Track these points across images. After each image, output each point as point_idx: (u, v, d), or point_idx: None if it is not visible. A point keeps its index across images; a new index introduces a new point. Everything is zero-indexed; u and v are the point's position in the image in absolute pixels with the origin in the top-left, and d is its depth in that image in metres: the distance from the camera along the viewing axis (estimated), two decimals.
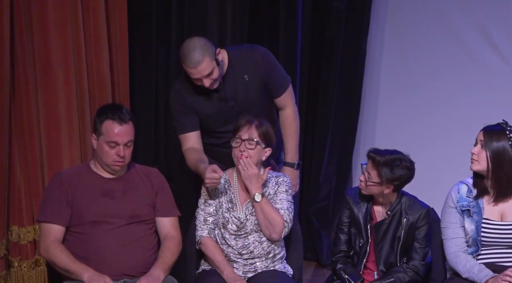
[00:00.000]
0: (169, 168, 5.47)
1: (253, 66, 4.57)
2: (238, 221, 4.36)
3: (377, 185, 4.31)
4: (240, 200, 4.40)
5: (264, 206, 4.32)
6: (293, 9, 5.78)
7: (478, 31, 5.98)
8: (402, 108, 6.20)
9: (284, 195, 4.40)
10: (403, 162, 4.30)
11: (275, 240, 4.36)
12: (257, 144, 4.33)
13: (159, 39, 5.48)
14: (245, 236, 4.36)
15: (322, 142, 6.11)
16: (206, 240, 4.38)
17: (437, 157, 6.08)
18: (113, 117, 4.23)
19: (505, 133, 4.24)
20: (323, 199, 6.17)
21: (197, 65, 4.37)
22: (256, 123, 4.35)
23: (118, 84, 5.12)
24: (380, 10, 6.15)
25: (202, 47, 4.39)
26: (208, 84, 4.43)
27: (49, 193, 4.33)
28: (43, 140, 4.78)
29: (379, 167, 4.29)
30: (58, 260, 4.20)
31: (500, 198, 4.28)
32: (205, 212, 4.40)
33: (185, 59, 4.39)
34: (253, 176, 4.31)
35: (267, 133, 4.36)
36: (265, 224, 4.32)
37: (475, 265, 4.26)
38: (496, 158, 4.23)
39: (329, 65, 6.03)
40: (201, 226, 4.39)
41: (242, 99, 4.56)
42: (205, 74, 4.40)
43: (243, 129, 4.34)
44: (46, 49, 4.75)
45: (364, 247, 4.40)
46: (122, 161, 4.27)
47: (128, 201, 4.30)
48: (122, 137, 4.24)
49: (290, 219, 4.37)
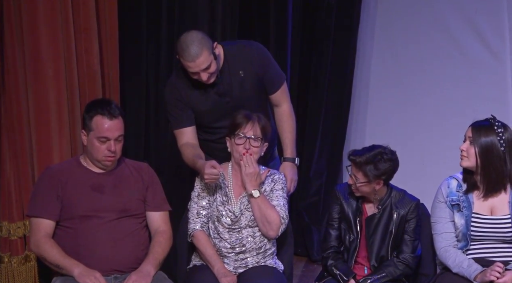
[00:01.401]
0: (160, 162, 5.46)
1: (248, 62, 4.56)
2: (232, 215, 4.36)
3: (366, 184, 4.32)
4: (235, 194, 4.40)
5: (261, 202, 4.32)
6: (283, 6, 5.78)
7: (468, 26, 5.99)
8: (392, 103, 6.21)
9: (280, 192, 4.41)
10: (384, 155, 4.30)
11: (272, 237, 4.37)
12: (261, 141, 4.35)
13: (150, 34, 5.47)
14: (239, 231, 4.36)
15: (313, 137, 6.12)
16: (198, 233, 4.37)
17: (426, 150, 6.10)
18: (102, 112, 4.22)
19: (493, 129, 4.25)
20: (313, 194, 6.17)
21: (195, 59, 4.36)
22: (257, 119, 4.35)
23: (108, 79, 5.10)
24: (370, 6, 6.16)
25: (200, 41, 4.37)
26: (205, 78, 4.42)
27: (39, 188, 4.32)
28: (33, 135, 4.77)
29: (362, 167, 4.29)
30: (48, 255, 4.19)
31: (489, 193, 4.29)
32: (198, 205, 4.40)
33: (183, 53, 4.37)
34: (254, 174, 4.33)
35: (266, 127, 4.38)
36: (262, 221, 4.33)
37: (464, 260, 4.27)
38: (484, 153, 4.24)
39: (319, 60, 6.03)
40: (194, 219, 4.39)
41: (237, 94, 4.55)
42: (203, 68, 4.39)
43: (247, 126, 4.33)
44: (36, 44, 4.73)
45: (355, 242, 4.41)
46: (113, 156, 4.25)
47: (119, 195, 4.29)
48: (113, 132, 4.23)
49: (287, 216, 4.38)
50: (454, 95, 6.07)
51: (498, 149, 4.23)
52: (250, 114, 4.37)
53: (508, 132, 4.26)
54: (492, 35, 5.95)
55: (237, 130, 4.33)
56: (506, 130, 4.26)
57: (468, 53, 6.01)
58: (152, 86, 5.49)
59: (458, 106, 6.04)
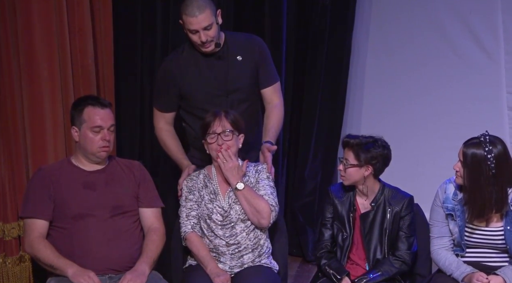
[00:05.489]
0: (154, 163, 5.46)
1: (248, 50, 4.63)
2: (222, 210, 4.37)
3: (355, 167, 4.33)
4: (221, 190, 4.42)
5: (247, 194, 4.34)
6: (278, 5, 5.78)
7: (462, 26, 6.00)
8: (387, 103, 6.22)
9: (266, 181, 4.43)
10: (378, 141, 4.35)
11: (265, 226, 4.37)
12: (232, 134, 4.35)
13: (144, 35, 5.47)
14: (232, 226, 4.37)
15: (308, 137, 6.12)
16: (190, 235, 4.38)
17: (421, 150, 6.10)
18: (93, 103, 4.28)
19: (482, 147, 4.17)
20: (308, 194, 6.17)
21: (197, 14, 4.43)
22: (224, 114, 4.37)
23: (103, 79, 5.11)
24: (365, 5, 6.16)
25: (205, 0, 4.48)
26: (204, 39, 4.48)
27: (31, 189, 4.33)
28: (27, 136, 4.76)
29: (354, 148, 4.33)
30: (42, 256, 4.19)
31: (475, 218, 4.25)
32: (186, 208, 4.42)
33: (186, 9, 4.46)
34: (234, 168, 4.35)
35: (237, 120, 4.39)
36: (252, 211, 4.34)
37: (453, 261, 4.29)
38: (472, 181, 4.19)
39: (314, 60, 6.03)
40: (184, 222, 4.41)
41: (231, 78, 4.60)
42: (203, 26, 4.46)
43: (214, 123, 4.36)
44: (31, 44, 4.73)
45: (348, 240, 4.41)
46: (107, 145, 4.28)
47: (111, 192, 4.30)
48: (106, 121, 4.27)
49: (276, 203, 4.39)
50: (449, 95, 6.07)
51: (487, 171, 4.16)
52: (218, 111, 4.40)
53: (498, 148, 4.17)
54: (487, 36, 5.96)
55: (208, 130, 4.36)
56: (495, 147, 4.17)
57: (462, 53, 6.01)
58: (147, 86, 5.49)
59: (453, 106, 6.05)
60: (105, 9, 5.06)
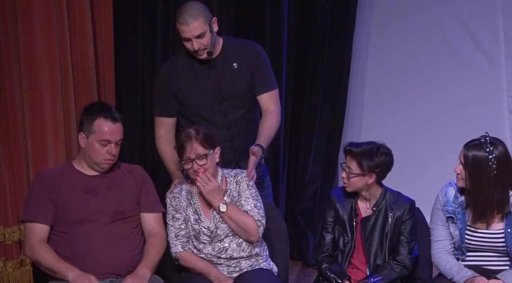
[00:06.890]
0: (155, 167, 5.45)
1: (245, 57, 4.61)
2: (208, 231, 4.31)
3: (359, 176, 4.32)
4: (204, 212, 4.34)
5: (232, 214, 4.28)
6: (279, 9, 5.78)
7: (463, 30, 6.00)
8: (387, 107, 6.22)
9: (248, 193, 4.34)
10: (380, 148, 4.33)
11: (255, 241, 4.33)
12: (206, 156, 4.26)
13: (145, 38, 5.48)
14: (221, 240, 4.32)
15: (308, 141, 6.12)
16: (182, 254, 4.33)
17: (422, 154, 6.11)
18: (105, 115, 4.25)
19: (483, 149, 4.18)
20: (309, 198, 6.17)
21: (190, 23, 4.41)
22: (194, 135, 4.24)
23: (103, 83, 5.11)
24: (365, 9, 6.17)
25: (198, 8, 4.45)
26: (197, 47, 4.46)
27: (32, 192, 4.32)
28: (28, 139, 4.76)
29: (357, 157, 4.30)
30: (43, 260, 4.19)
31: (477, 219, 4.26)
32: (174, 227, 4.35)
33: (179, 16, 4.44)
34: (214, 190, 4.26)
35: (207, 137, 4.27)
36: (239, 230, 4.29)
37: (454, 265, 4.28)
38: (473, 179, 4.20)
39: (315, 64, 6.03)
40: (174, 242, 4.34)
41: (227, 86, 4.58)
42: (195, 34, 4.44)
43: (187, 148, 4.23)
44: (31, 48, 4.73)
45: (349, 244, 4.40)
46: (112, 159, 4.28)
47: (112, 197, 4.29)
48: (115, 136, 4.25)
49: (262, 216, 4.31)
50: (449, 99, 6.08)
51: (489, 172, 4.17)
52: (189, 130, 4.27)
53: (499, 149, 4.18)
54: (487, 39, 5.97)
55: (182, 155, 4.26)
56: (496, 148, 4.18)
57: (463, 57, 6.02)
58: (147, 90, 5.49)
59: (453, 110, 6.05)
60: (106, 13, 5.06)
